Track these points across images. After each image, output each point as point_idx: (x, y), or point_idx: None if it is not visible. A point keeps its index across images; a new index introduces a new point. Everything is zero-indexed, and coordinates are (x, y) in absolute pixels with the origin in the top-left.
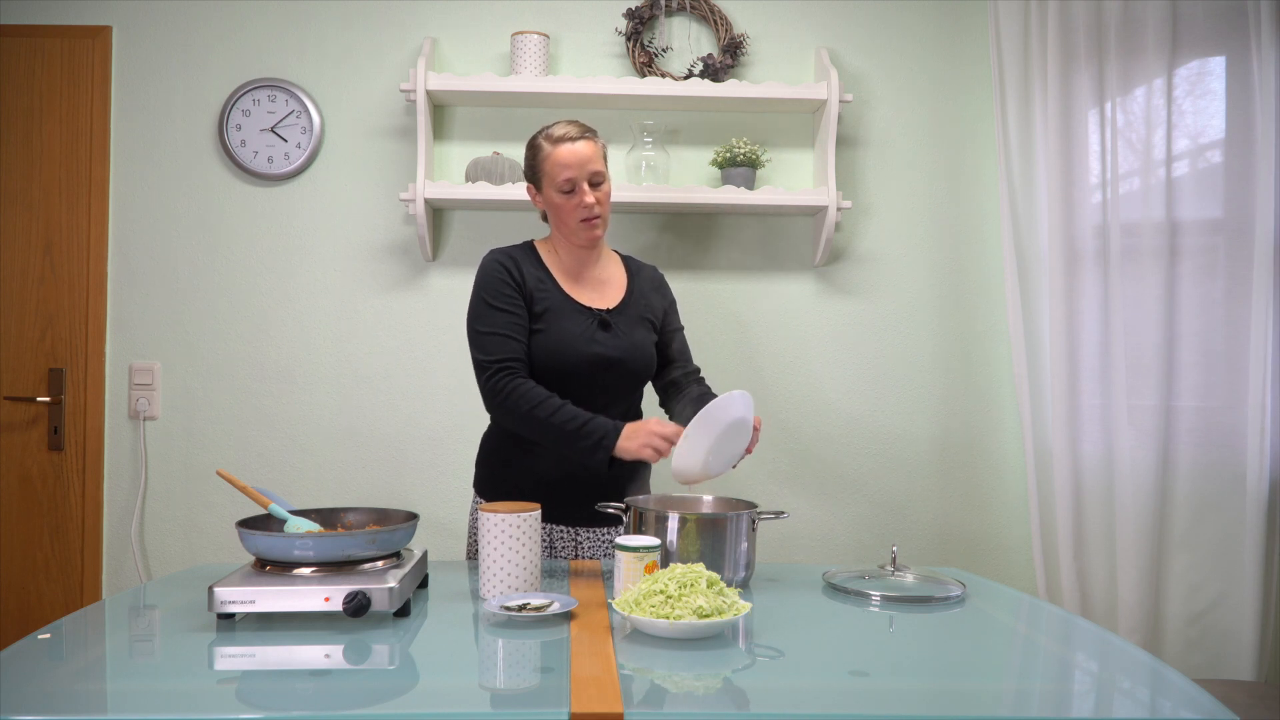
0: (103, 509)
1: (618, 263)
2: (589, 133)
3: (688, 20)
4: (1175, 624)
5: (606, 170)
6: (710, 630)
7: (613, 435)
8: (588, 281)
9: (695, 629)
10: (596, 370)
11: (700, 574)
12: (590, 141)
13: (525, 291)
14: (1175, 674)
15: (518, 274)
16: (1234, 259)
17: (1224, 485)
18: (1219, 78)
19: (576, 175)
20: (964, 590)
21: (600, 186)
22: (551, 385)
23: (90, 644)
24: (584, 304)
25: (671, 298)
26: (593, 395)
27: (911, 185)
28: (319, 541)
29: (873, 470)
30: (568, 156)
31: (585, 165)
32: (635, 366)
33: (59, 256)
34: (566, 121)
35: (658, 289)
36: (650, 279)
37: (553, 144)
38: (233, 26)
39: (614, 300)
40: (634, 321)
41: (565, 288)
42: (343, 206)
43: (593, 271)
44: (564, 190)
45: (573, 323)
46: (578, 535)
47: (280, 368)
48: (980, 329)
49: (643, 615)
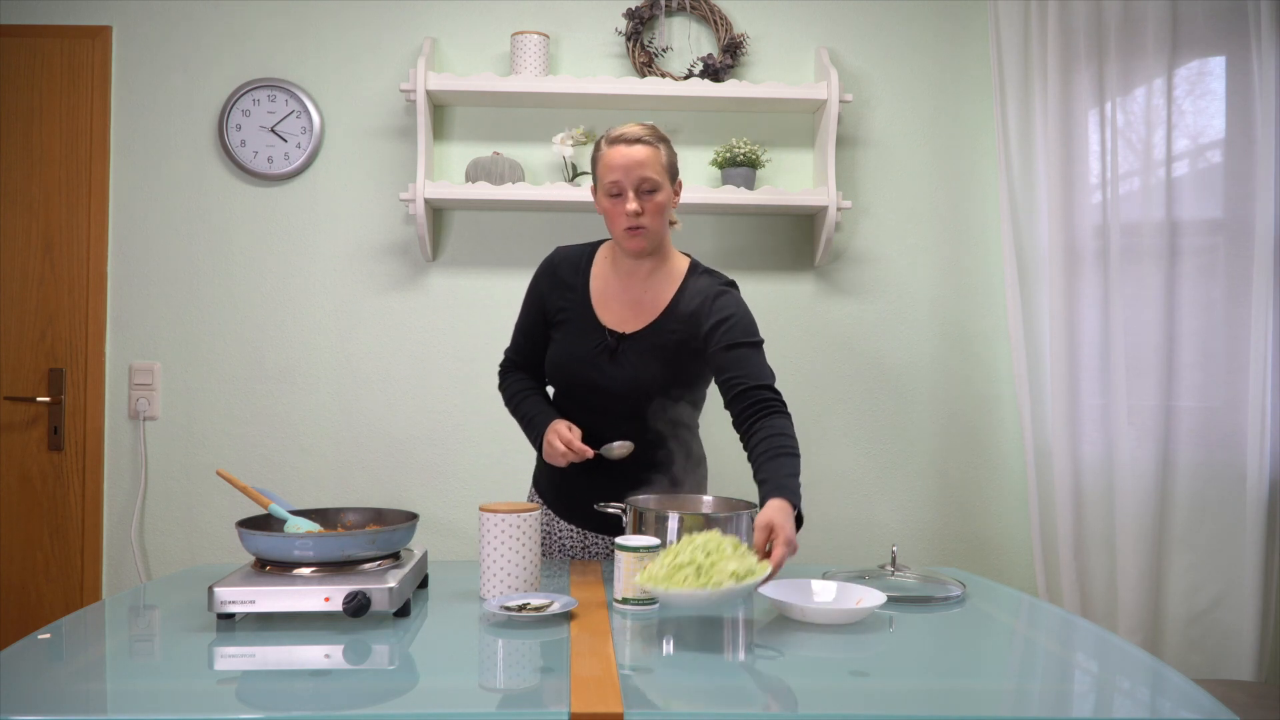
0: (103, 509)
1: (674, 283)
2: (652, 137)
3: (688, 20)
4: (1175, 624)
5: (665, 179)
6: (748, 590)
7: (540, 441)
8: (622, 298)
9: (736, 592)
10: (588, 394)
11: (720, 538)
12: (649, 147)
13: (547, 303)
14: (1175, 674)
15: (546, 282)
16: (1234, 259)
17: (1224, 485)
18: (1219, 78)
19: (623, 180)
20: (964, 590)
21: (653, 195)
22: (559, 393)
23: (90, 644)
24: (603, 323)
25: (721, 316)
26: (592, 413)
27: (911, 185)
28: (319, 541)
29: (872, 470)
30: (617, 159)
31: (634, 170)
32: (632, 398)
33: (59, 256)
34: (637, 123)
35: (694, 315)
36: (696, 299)
37: (608, 144)
38: (233, 26)
39: (638, 324)
40: (647, 351)
41: (594, 301)
42: (343, 206)
43: (633, 287)
44: (610, 194)
45: (580, 342)
46: (586, 538)
47: (280, 368)
48: (980, 329)
49: (680, 588)
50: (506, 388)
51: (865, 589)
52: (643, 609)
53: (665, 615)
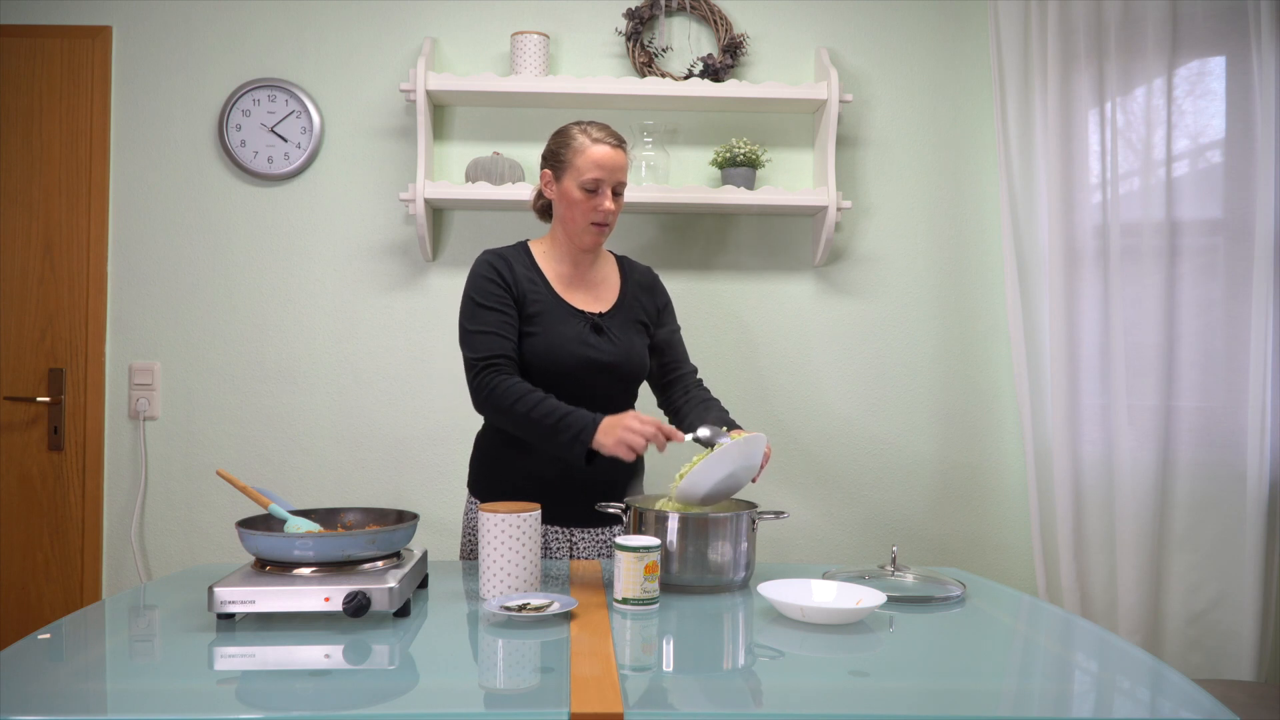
0: (103, 509)
1: (613, 264)
2: (623, 143)
3: (688, 20)
4: (1175, 624)
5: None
6: (751, 451)
7: (590, 428)
8: (581, 284)
9: (740, 450)
10: (589, 374)
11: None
12: (623, 152)
13: (516, 292)
14: (1175, 674)
15: (508, 274)
16: (1234, 259)
17: (1224, 485)
18: (1219, 78)
19: (605, 178)
20: (964, 590)
21: (619, 196)
22: (544, 387)
23: (90, 644)
24: (577, 307)
25: (666, 298)
26: (584, 398)
27: (911, 185)
28: (319, 541)
29: (873, 470)
30: (604, 158)
31: (616, 173)
32: (628, 370)
33: (59, 256)
34: (602, 125)
35: (650, 290)
36: (642, 280)
37: (591, 141)
38: (233, 26)
39: (607, 303)
40: (627, 325)
41: (558, 290)
42: (343, 206)
43: (587, 274)
44: (587, 188)
45: (566, 326)
46: (573, 536)
47: (280, 368)
48: (980, 329)
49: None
50: (507, 392)
51: (865, 589)
52: (643, 609)
53: (665, 615)
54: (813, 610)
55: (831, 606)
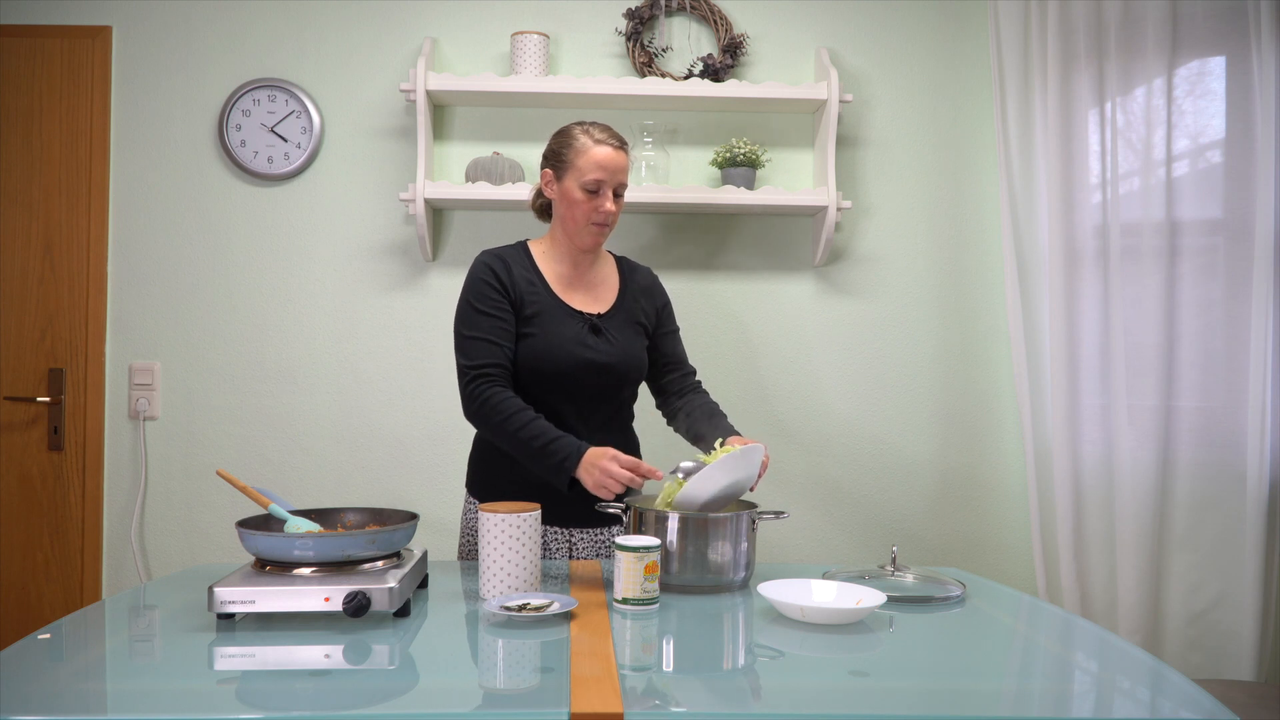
0: (103, 509)
1: (612, 265)
2: (625, 145)
3: (688, 20)
4: (1175, 624)
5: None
6: (749, 461)
7: (574, 459)
8: (580, 285)
9: (738, 460)
10: (587, 375)
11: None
12: (625, 153)
13: (514, 295)
14: (1175, 674)
15: (506, 277)
16: (1234, 259)
17: (1224, 485)
18: (1219, 78)
19: (606, 179)
20: (964, 590)
21: (620, 198)
22: (541, 388)
23: (90, 644)
24: (576, 308)
25: (665, 299)
26: (581, 398)
27: (911, 185)
28: (319, 541)
29: (872, 470)
30: (606, 159)
31: (618, 174)
32: (625, 371)
33: (59, 256)
34: (604, 126)
35: (649, 291)
36: (642, 281)
37: (594, 142)
38: (233, 26)
39: (606, 304)
40: (625, 326)
41: (557, 290)
42: (343, 206)
43: (586, 274)
44: (589, 189)
45: (564, 327)
46: (572, 536)
47: (280, 368)
48: (980, 329)
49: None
50: (497, 407)
51: (865, 589)
52: (643, 609)
53: (665, 615)
54: (813, 610)
55: (831, 606)
